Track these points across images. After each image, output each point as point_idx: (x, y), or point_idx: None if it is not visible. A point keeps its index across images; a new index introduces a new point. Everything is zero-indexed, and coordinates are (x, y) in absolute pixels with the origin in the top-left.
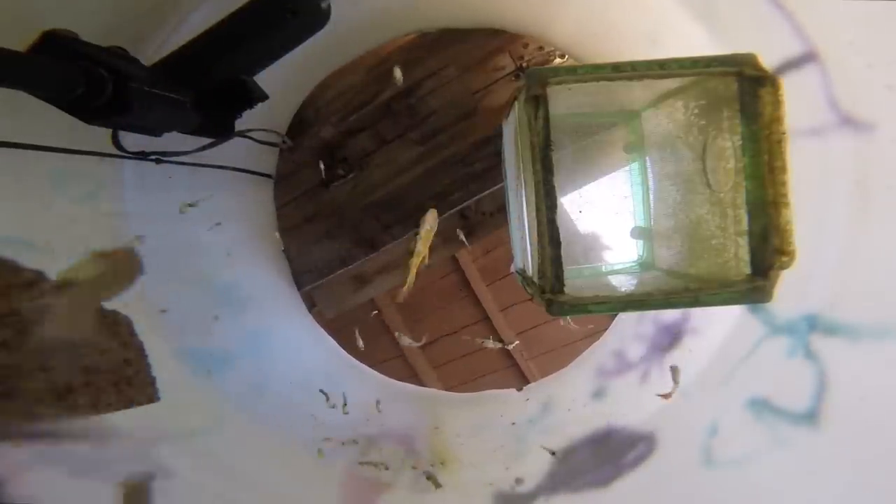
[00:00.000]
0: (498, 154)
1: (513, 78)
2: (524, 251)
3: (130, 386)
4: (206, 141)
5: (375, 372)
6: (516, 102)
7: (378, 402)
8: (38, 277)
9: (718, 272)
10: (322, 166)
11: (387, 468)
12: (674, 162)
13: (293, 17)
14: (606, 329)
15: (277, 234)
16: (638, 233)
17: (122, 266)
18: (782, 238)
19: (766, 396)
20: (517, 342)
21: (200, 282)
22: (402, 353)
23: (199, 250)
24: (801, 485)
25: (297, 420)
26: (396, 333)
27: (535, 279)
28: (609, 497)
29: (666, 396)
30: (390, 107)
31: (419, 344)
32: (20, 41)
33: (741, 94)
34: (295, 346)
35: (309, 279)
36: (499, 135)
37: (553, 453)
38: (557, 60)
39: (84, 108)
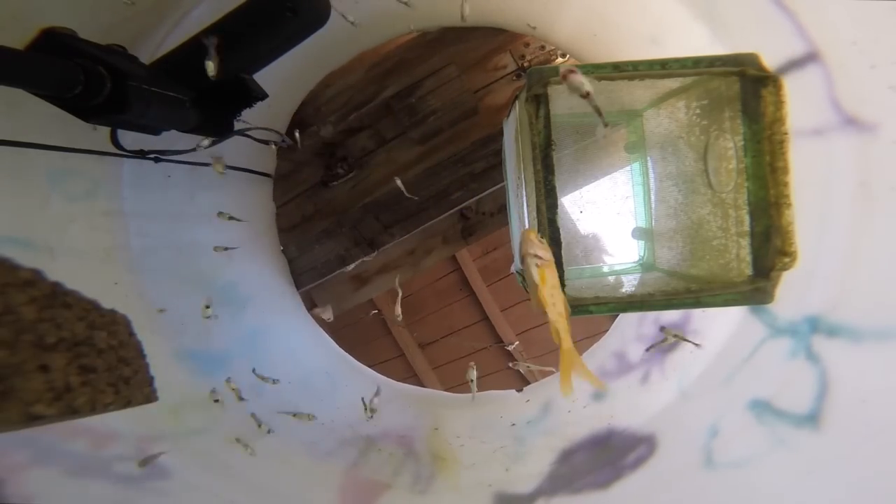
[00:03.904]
0: (498, 153)
1: (514, 77)
2: None
3: (129, 386)
4: (206, 140)
5: (375, 372)
6: (517, 102)
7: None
8: (35, 276)
9: (720, 273)
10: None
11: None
12: (675, 162)
13: (293, 15)
14: (607, 330)
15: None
16: (639, 233)
17: None
18: (784, 239)
19: (768, 398)
20: (517, 343)
21: (200, 281)
22: (402, 353)
23: (198, 250)
24: (802, 487)
25: (296, 420)
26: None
27: None
28: (609, 498)
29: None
30: (390, 106)
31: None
32: (19, 39)
33: (743, 94)
34: (294, 345)
35: (308, 279)
36: (499, 134)
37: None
38: (559, 60)
39: (83, 106)
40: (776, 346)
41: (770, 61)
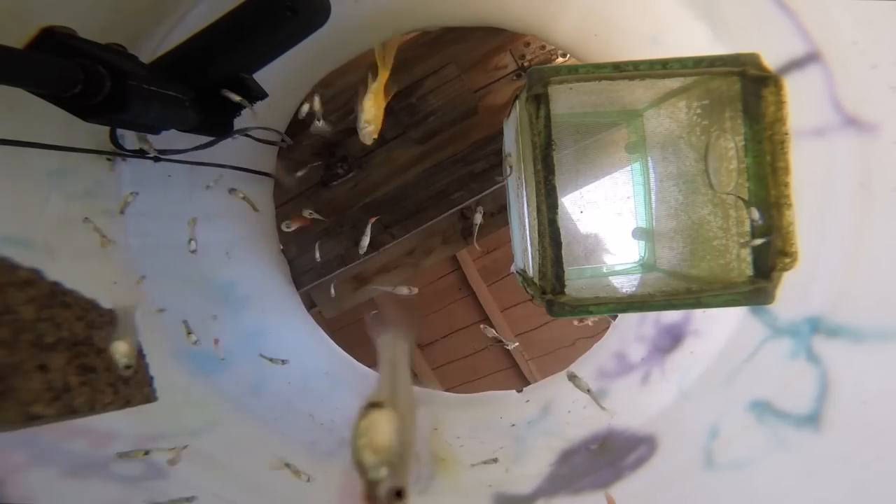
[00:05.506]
0: (498, 153)
1: (514, 77)
2: (525, 251)
3: (128, 386)
4: (205, 139)
5: (375, 372)
6: (517, 102)
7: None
8: (34, 276)
9: (720, 273)
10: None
11: None
12: (676, 162)
13: (293, 14)
14: (607, 330)
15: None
16: (639, 233)
17: None
18: (785, 239)
19: (768, 399)
20: (517, 343)
21: (199, 281)
22: None
23: (198, 249)
24: (802, 488)
25: (295, 420)
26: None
27: (536, 280)
28: None
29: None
30: (390, 106)
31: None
32: (18, 38)
33: (744, 94)
34: (293, 346)
35: (308, 279)
36: (499, 134)
37: None
38: (559, 60)
39: (82, 105)
40: (777, 346)
41: (771, 61)
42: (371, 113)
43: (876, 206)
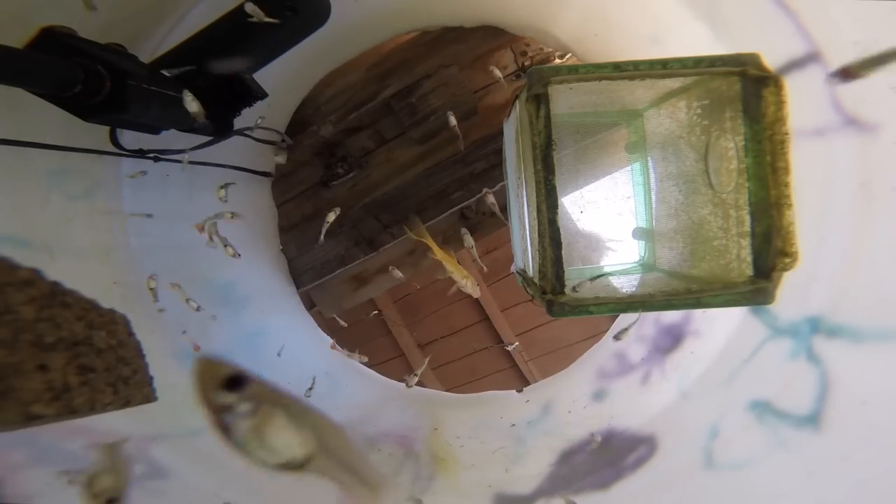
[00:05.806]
0: (498, 153)
1: (514, 77)
2: (525, 251)
3: (128, 385)
4: (205, 139)
5: (374, 372)
6: (517, 102)
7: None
8: (35, 276)
9: (720, 273)
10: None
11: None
12: (676, 162)
13: (293, 14)
14: (607, 330)
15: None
16: (639, 233)
17: None
18: (785, 239)
19: (768, 399)
20: (517, 343)
21: (199, 281)
22: (401, 353)
23: (197, 249)
24: (802, 488)
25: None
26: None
27: (536, 280)
28: (609, 499)
29: None
30: (390, 105)
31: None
32: (18, 38)
33: (744, 94)
34: (293, 345)
35: (308, 279)
36: (499, 134)
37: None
38: (559, 60)
39: (82, 105)
40: (777, 346)
41: (771, 61)
42: (458, 273)
43: (876, 206)
